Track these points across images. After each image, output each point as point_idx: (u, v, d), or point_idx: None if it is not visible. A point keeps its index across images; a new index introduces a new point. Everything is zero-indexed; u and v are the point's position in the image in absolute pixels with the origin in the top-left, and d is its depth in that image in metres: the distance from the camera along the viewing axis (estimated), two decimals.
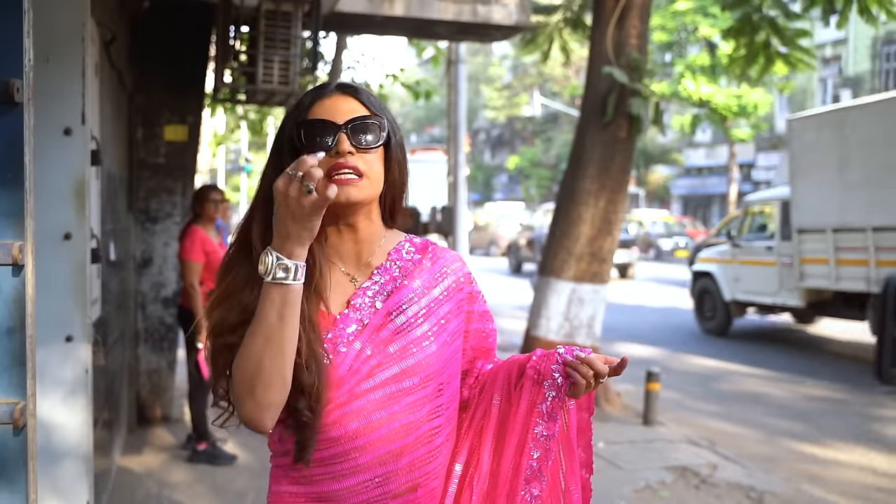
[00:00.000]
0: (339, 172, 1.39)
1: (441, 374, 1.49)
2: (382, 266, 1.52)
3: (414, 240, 1.58)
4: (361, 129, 1.42)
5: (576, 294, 6.84)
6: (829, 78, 29.61)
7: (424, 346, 1.46)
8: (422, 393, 1.46)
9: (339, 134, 1.40)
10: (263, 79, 5.15)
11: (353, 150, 1.40)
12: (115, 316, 4.75)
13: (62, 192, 3.00)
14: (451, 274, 1.55)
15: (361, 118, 1.43)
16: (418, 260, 1.54)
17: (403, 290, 1.49)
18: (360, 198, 1.42)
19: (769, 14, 7.46)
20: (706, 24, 24.75)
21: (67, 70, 3.02)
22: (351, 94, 1.46)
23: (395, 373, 1.44)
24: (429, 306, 1.49)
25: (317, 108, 1.44)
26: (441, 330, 1.50)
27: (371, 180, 1.43)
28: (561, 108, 35.53)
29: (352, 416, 1.42)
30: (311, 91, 1.49)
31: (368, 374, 1.43)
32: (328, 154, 1.39)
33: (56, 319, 3.02)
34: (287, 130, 1.45)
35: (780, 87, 26.68)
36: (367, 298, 1.48)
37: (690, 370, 9.06)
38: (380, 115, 1.45)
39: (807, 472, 5.55)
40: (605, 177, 6.76)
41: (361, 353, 1.43)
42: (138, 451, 5.45)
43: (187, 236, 5.23)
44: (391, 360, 1.44)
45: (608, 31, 6.67)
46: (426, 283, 1.52)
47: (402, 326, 1.46)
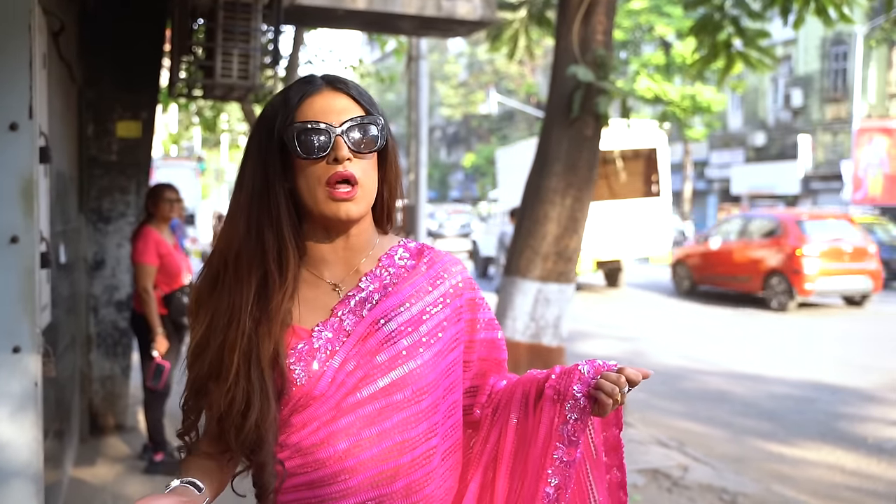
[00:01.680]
0: (336, 186, 1.27)
1: (436, 388, 1.36)
2: (371, 273, 1.39)
3: (408, 244, 1.45)
4: (359, 132, 1.30)
5: (542, 294, 6.74)
6: (780, 77, 30.10)
7: (415, 356, 1.33)
8: (415, 409, 1.33)
9: (335, 138, 1.28)
10: (222, 73, 4.94)
11: (351, 157, 1.28)
12: (65, 321, 4.51)
13: (8, 192, 2.79)
14: (448, 278, 1.42)
15: (359, 119, 1.30)
16: (412, 266, 1.41)
17: (394, 297, 1.36)
18: (359, 213, 1.31)
19: (731, 13, 7.45)
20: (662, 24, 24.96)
21: (13, 60, 2.81)
22: (342, 90, 1.33)
23: (383, 385, 1.31)
24: (421, 313, 1.36)
25: (306, 107, 1.30)
26: (434, 339, 1.36)
27: (367, 190, 1.32)
28: (517, 106, 35.58)
29: (340, 435, 1.29)
30: (297, 86, 1.34)
31: (354, 387, 1.30)
32: (325, 161, 1.27)
33: (2, 329, 2.81)
34: (274, 131, 1.31)
35: (732, 87, 27.06)
36: (353, 307, 1.35)
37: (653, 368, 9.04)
38: (375, 112, 1.33)
39: (776, 471, 5.53)
40: (571, 175, 6.66)
41: (345, 365, 1.30)
42: (92, 462, 5.21)
43: (140, 238, 4.99)
44: (379, 372, 1.31)
45: (574, 27, 6.57)
46: (420, 289, 1.38)
47: (390, 335, 1.33)
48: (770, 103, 31.24)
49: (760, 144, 30.73)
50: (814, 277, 13.46)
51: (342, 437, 1.29)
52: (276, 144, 1.30)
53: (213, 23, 4.99)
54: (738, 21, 7.34)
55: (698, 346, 10.53)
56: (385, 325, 1.33)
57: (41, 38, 3.29)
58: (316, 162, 1.29)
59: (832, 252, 13.61)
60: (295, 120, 1.29)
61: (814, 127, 28.67)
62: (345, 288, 1.37)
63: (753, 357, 9.78)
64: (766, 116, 31.22)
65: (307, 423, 1.30)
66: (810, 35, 27.13)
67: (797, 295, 13.59)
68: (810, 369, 8.93)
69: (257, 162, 1.32)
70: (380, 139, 1.32)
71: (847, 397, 7.74)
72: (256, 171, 1.31)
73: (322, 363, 1.30)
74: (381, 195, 1.39)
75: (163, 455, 5.03)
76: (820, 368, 8.94)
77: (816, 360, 9.45)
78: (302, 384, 1.29)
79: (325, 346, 1.31)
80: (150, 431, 5.10)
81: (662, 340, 11.00)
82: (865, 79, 26.37)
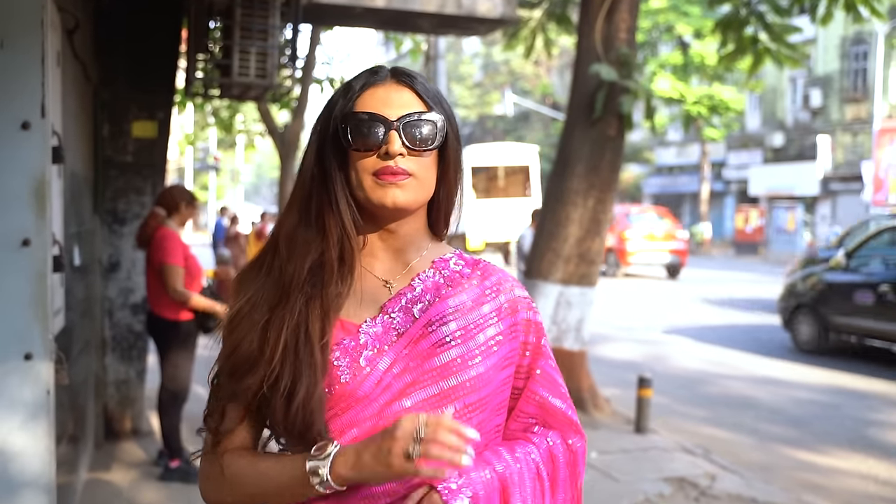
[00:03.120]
0: (387, 174, 1.20)
1: (487, 405, 1.25)
2: (425, 273, 1.29)
3: (463, 254, 1.35)
4: (416, 127, 1.22)
5: (563, 297, 6.62)
6: (799, 77, 29.81)
7: (470, 367, 1.22)
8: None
9: (389, 132, 1.20)
10: (239, 71, 4.85)
11: (403, 152, 1.20)
12: (79, 324, 4.42)
13: (20, 193, 2.69)
14: (504, 292, 1.31)
15: (417, 115, 1.22)
16: (468, 274, 1.31)
17: (447, 301, 1.25)
18: (407, 202, 1.22)
19: (758, 9, 7.31)
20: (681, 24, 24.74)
21: (25, 57, 2.71)
22: (406, 84, 1.25)
23: (433, 394, 1.20)
24: (477, 323, 1.26)
25: (367, 97, 1.24)
26: (490, 352, 1.25)
27: (421, 183, 1.23)
28: (532, 107, 35.42)
29: None
30: (362, 75, 1.27)
31: (401, 392, 1.20)
32: (376, 154, 1.20)
33: (13, 335, 2.72)
34: (332, 119, 1.25)
35: (750, 87, 26.81)
36: (404, 305, 1.25)
37: (674, 372, 8.90)
38: (437, 110, 1.24)
39: (807, 481, 5.37)
40: (593, 176, 6.53)
41: (393, 367, 1.20)
42: (106, 467, 5.12)
43: (167, 240, 4.87)
44: (429, 379, 1.20)
45: (597, 24, 6.45)
46: (475, 298, 1.28)
47: (443, 340, 1.22)
48: (789, 103, 30.95)
49: (779, 145, 30.44)
50: (633, 253, 20.39)
51: None
52: (333, 132, 1.24)
53: (231, 20, 4.90)
54: (765, 17, 7.18)
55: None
56: (438, 328, 1.23)
57: (55, 36, 3.19)
58: (367, 154, 1.22)
59: (647, 236, 20.36)
60: (353, 109, 1.23)
61: (833, 127, 28.36)
62: (396, 285, 1.28)
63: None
64: (785, 117, 30.92)
65: (346, 429, 1.19)
66: (830, 34, 26.83)
67: (621, 266, 20.55)
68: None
69: (317, 148, 1.26)
70: (438, 138, 1.24)
71: (874, 403, 7.57)
72: (316, 157, 1.26)
73: (369, 361, 1.20)
74: (438, 197, 1.30)
75: (179, 462, 4.93)
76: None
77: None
78: (346, 382, 1.19)
79: (374, 344, 1.22)
80: (165, 437, 5.00)
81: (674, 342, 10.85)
82: (886, 78, 26.05)
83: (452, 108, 1.30)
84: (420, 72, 11.30)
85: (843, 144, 28.14)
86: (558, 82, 38.72)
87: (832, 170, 28.16)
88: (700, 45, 24.85)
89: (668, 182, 36.98)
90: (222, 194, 35.03)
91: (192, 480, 4.85)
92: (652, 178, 37.96)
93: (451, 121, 1.27)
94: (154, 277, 4.91)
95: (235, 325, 1.23)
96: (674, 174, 36.78)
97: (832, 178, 28.09)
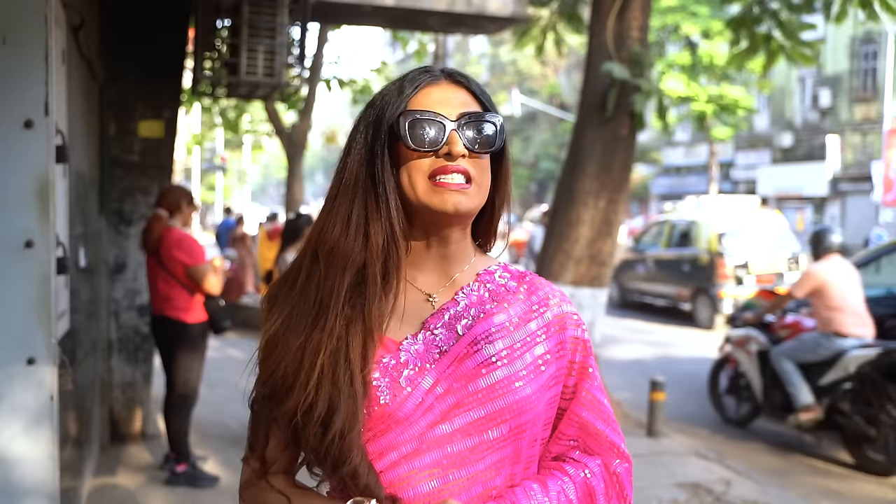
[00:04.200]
0: (446, 176, 1.12)
1: (534, 426, 1.17)
2: (469, 287, 1.21)
3: (509, 266, 1.27)
4: (476, 128, 1.15)
5: (574, 299, 6.52)
6: (807, 77, 29.65)
7: (517, 388, 1.13)
8: (508, 451, 1.14)
9: (451, 132, 1.13)
10: (247, 70, 4.78)
11: (465, 153, 1.13)
12: (85, 326, 4.35)
13: (22, 193, 2.62)
14: (552, 308, 1.23)
15: (477, 114, 1.15)
16: (514, 288, 1.23)
17: (493, 318, 1.17)
18: (468, 208, 1.14)
19: (771, 6, 7.21)
20: (689, 23, 24.64)
21: (28, 54, 2.64)
22: (462, 84, 1.19)
23: (478, 417, 1.12)
24: (524, 341, 1.17)
25: (422, 97, 1.16)
26: (537, 372, 1.17)
27: (480, 188, 1.16)
28: (540, 107, 35.32)
29: (423, 474, 1.10)
30: (413, 75, 1.20)
31: (444, 415, 1.11)
32: (435, 154, 1.13)
33: (16, 339, 2.64)
34: (384, 119, 1.16)
35: (759, 87, 26.63)
36: (447, 321, 1.17)
37: (687, 375, 8.80)
38: (495, 112, 1.18)
39: (822, 486, 5.28)
40: (605, 176, 6.45)
41: (436, 387, 1.12)
42: (112, 471, 5.05)
43: (186, 241, 4.81)
44: (475, 401, 1.12)
45: (608, 23, 6.36)
46: (521, 315, 1.20)
47: (489, 360, 1.14)
48: (797, 103, 30.77)
49: (788, 145, 30.27)
50: None
51: (426, 478, 1.10)
52: (386, 133, 1.16)
53: (238, 19, 4.83)
54: (778, 14, 7.08)
55: None
56: (484, 347, 1.15)
57: (59, 32, 3.13)
58: (426, 155, 1.14)
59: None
60: (408, 108, 1.16)
61: (842, 127, 28.19)
62: (439, 299, 1.20)
63: None
64: (794, 117, 30.76)
65: (384, 452, 1.11)
66: (839, 34, 26.67)
67: None
68: None
69: (364, 151, 1.18)
70: (497, 139, 1.17)
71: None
72: (363, 160, 1.17)
73: (410, 381, 1.12)
74: (489, 205, 1.22)
75: (185, 466, 4.85)
76: None
77: None
78: (385, 403, 1.11)
79: (415, 362, 1.14)
80: (172, 441, 4.92)
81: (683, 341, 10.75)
82: None
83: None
84: None
85: (853, 145, 27.97)
86: (566, 82, 38.62)
87: (841, 170, 27.98)
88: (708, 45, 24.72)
89: (676, 182, 36.80)
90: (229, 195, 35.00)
91: (199, 485, 4.78)
92: (660, 179, 37.80)
93: (504, 125, 1.21)
94: (164, 280, 4.82)
95: (272, 349, 1.15)
96: (682, 174, 36.61)
97: (841, 179, 27.91)
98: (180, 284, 4.80)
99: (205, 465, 5.06)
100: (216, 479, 4.86)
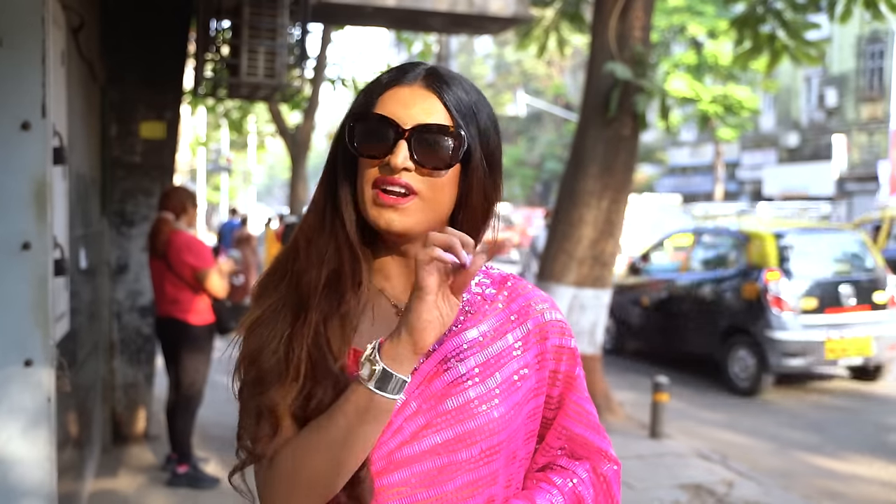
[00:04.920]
0: (384, 188, 1.07)
1: (510, 444, 1.13)
2: None
3: (490, 271, 1.22)
4: (428, 143, 1.07)
5: (577, 300, 6.51)
6: (813, 77, 29.55)
7: (488, 409, 1.09)
8: (483, 471, 1.10)
9: (399, 141, 1.06)
10: (248, 71, 4.78)
11: (410, 167, 1.06)
12: (87, 328, 4.35)
13: (19, 195, 2.62)
14: (532, 317, 1.17)
15: (433, 128, 1.07)
16: (491, 295, 1.18)
17: (465, 333, 1.13)
18: (403, 227, 1.08)
19: (775, 6, 7.18)
20: (695, 23, 24.57)
21: (25, 55, 2.64)
22: (435, 91, 1.09)
23: (448, 438, 1.08)
24: (500, 355, 1.13)
25: (388, 98, 1.10)
26: (511, 389, 1.12)
27: (428, 205, 1.08)
28: (545, 108, 35.28)
29: (391, 492, 1.07)
30: (395, 70, 1.14)
31: (413, 435, 1.08)
32: (379, 162, 1.07)
33: (13, 341, 2.64)
34: (346, 117, 1.13)
35: (764, 87, 26.56)
36: None
37: (689, 376, 8.78)
38: (466, 126, 1.09)
39: (826, 488, 5.25)
40: (607, 176, 6.43)
41: (406, 407, 1.08)
42: (113, 472, 5.05)
43: (194, 244, 4.83)
44: (445, 422, 1.08)
45: (611, 23, 6.35)
46: (498, 326, 1.15)
47: (461, 378, 1.10)
48: (803, 103, 30.68)
49: (793, 145, 30.18)
50: None
51: (394, 496, 1.07)
52: (348, 130, 1.11)
53: (239, 20, 4.83)
54: (782, 14, 7.06)
55: None
56: (455, 364, 1.10)
57: (58, 34, 3.12)
58: (374, 163, 1.09)
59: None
60: (372, 109, 1.10)
61: (849, 127, 28.09)
62: None
63: None
64: (800, 116, 30.67)
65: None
66: (845, 33, 26.57)
67: None
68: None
69: (335, 148, 1.15)
70: (452, 158, 1.08)
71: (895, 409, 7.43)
72: (334, 157, 1.15)
73: None
74: (457, 221, 1.14)
75: (187, 467, 4.86)
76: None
77: None
78: None
79: None
80: (175, 442, 4.92)
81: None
82: None
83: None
84: None
85: (859, 144, 27.87)
86: (571, 83, 38.57)
87: (848, 170, 27.88)
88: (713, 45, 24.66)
89: (681, 182, 36.73)
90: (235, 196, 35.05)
91: (200, 486, 4.78)
92: (665, 179, 37.72)
93: (485, 135, 1.12)
94: (172, 282, 4.83)
95: (254, 328, 1.11)
96: (687, 175, 36.54)
97: (848, 179, 27.81)
98: (188, 287, 4.81)
99: (206, 467, 5.06)
100: (217, 480, 4.86)
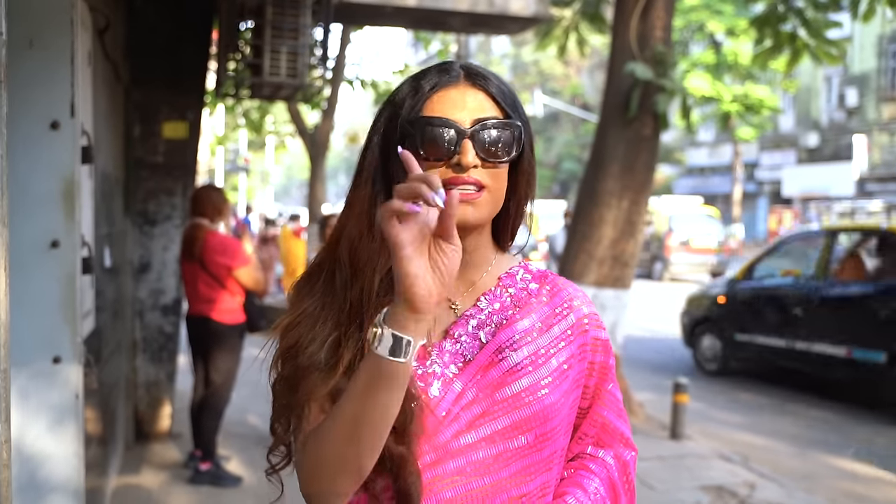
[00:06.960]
0: (457, 186, 1.08)
1: (559, 433, 1.17)
2: (491, 292, 1.20)
3: (529, 266, 1.26)
4: (491, 136, 1.09)
5: (597, 300, 6.49)
6: (834, 76, 29.31)
7: (542, 396, 1.13)
8: (536, 457, 1.13)
9: (462, 140, 1.08)
10: (270, 71, 4.81)
11: (478, 164, 1.09)
12: (110, 326, 4.39)
13: (48, 193, 2.65)
14: (574, 311, 1.23)
15: (493, 122, 1.10)
16: (535, 290, 1.22)
17: (516, 324, 1.17)
18: (476, 219, 1.11)
19: (796, 5, 7.14)
20: (714, 22, 24.43)
21: (54, 56, 2.67)
22: (480, 86, 1.13)
23: (504, 426, 1.11)
24: (548, 347, 1.17)
25: (437, 100, 1.11)
26: (562, 377, 1.17)
27: (494, 197, 1.12)
28: (562, 108, 35.19)
29: (446, 482, 1.08)
30: (431, 73, 1.15)
31: (470, 424, 1.11)
32: (446, 164, 1.08)
33: (42, 339, 2.68)
34: (399, 122, 1.12)
35: (784, 86, 26.36)
36: (471, 329, 1.16)
37: (708, 377, 8.73)
38: (515, 116, 1.13)
39: (850, 491, 5.21)
40: (628, 177, 6.41)
41: (463, 396, 1.11)
42: (136, 469, 5.09)
43: (231, 245, 4.88)
44: (500, 410, 1.11)
45: (631, 22, 6.33)
46: (544, 320, 1.19)
47: (514, 368, 1.13)
48: (824, 103, 30.43)
49: (813, 145, 29.95)
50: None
51: (448, 485, 1.09)
52: (400, 136, 1.12)
53: (262, 20, 4.86)
54: (803, 13, 7.01)
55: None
56: (510, 354, 1.14)
57: (85, 35, 3.16)
58: (437, 164, 1.09)
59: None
60: (422, 112, 1.11)
61: (870, 127, 27.84)
62: (461, 306, 1.19)
63: None
64: (820, 116, 30.42)
65: None
66: (867, 32, 26.33)
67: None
68: None
69: (380, 154, 1.15)
70: (514, 148, 1.12)
71: None
72: (380, 163, 1.14)
73: (440, 390, 1.12)
74: (508, 210, 1.18)
75: (210, 465, 4.89)
76: None
77: None
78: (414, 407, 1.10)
79: (442, 371, 1.13)
80: (200, 439, 4.94)
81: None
82: None
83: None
84: None
85: (880, 144, 27.61)
86: (588, 83, 38.47)
87: (868, 170, 27.63)
88: (733, 44, 24.50)
89: (699, 183, 36.54)
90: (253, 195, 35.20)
91: (223, 484, 4.81)
92: (683, 179, 37.54)
93: (527, 126, 1.16)
94: (206, 283, 4.86)
95: (292, 328, 1.12)
96: (705, 175, 36.35)
97: (868, 179, 27.56)
98: (222, 286, 4.86)
99: (228, 465, 5.09)
100: (240, 478, 4.89)
